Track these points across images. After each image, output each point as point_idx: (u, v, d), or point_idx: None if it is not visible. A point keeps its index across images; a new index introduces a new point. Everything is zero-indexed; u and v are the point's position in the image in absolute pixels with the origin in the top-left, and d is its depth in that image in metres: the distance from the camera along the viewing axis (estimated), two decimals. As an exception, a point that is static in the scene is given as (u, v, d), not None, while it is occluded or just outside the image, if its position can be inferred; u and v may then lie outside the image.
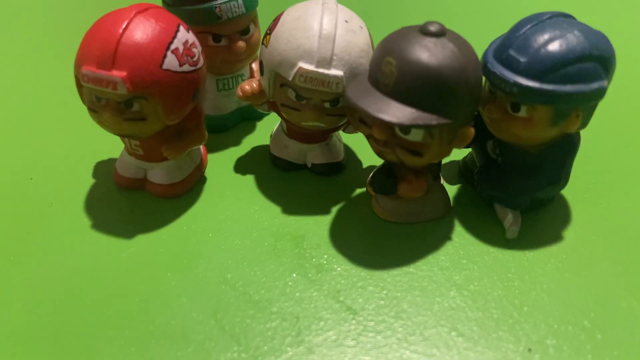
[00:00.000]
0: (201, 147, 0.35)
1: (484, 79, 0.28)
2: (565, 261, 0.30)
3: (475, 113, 0.30)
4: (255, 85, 0.33)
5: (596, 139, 0.37)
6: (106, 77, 0.26)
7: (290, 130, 0.34)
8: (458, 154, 0.35)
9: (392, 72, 0.26)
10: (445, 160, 0.35)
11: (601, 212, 0.33)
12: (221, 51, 0.35)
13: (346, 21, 0.29)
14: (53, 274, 0.29)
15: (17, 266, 0.29)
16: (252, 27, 0.36)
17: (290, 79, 0.29)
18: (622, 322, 0.27)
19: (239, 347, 0.25)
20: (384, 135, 0.28)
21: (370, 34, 0.31)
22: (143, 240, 0.31)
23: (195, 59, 0.29)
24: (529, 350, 0.25)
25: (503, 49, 0.28)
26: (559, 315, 0.27)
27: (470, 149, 0.34)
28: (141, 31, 0.27)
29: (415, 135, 0.27)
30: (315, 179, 0.35)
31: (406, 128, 0.27)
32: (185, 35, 0.29)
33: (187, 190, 0.34)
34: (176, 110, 0.29)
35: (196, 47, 0.30)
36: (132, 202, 0.33)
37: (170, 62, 0.28)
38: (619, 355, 0.25)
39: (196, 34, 0.31)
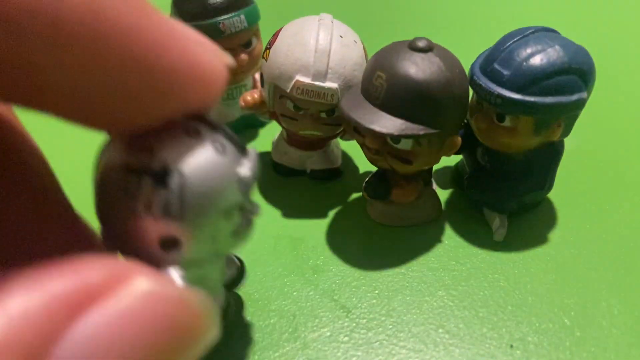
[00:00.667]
0: None
1: (471, 90, 0.30)
2: (549, 262, 0.31)
3: (465, 122, 0.32)
4: (256, 96, 0.35)
5: (582, 144, 0.39)
6: None
7: (290, 138, 0.36)
8: (451, 160, 0.37)
9: (382, 85, 0.28)
10: (438, 167, 0.37)
11: (585, 216, 0.34)
12: None
13: (341, 36, 0.31)
14: None
15: None
16: (254, 40, 0.38)
17: (288, 91, 0.31)
18: (601, 320, 0.28)
19: (239, 342, 0.27)
20: (376, 144, 0.29)
21: (364, 48, 0.33)
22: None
23: None
24: (511, 346, 0.27)
25: (488, 62, 0.29)
26: (540, 314, 0.28)
27: (461, 156, 0.36)
28: None
29: (405, 144, 0.29)
30: (314, 184, 0.37)
31: (396, 138, 0.29)
32: None
33: None
34: None
35: None
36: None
37: None
38: (596, 351, 0.27)
39: None
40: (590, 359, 0.26)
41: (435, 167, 0.35)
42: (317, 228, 0.34)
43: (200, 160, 0.18)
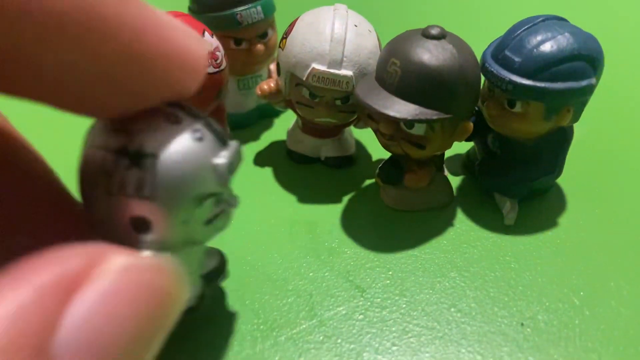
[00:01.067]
0: None
1: (482, 77, 0.31)
2: (559, 245, 0.32)
3: (476, 109, 0.33)
4: (272, 85, 0.36)
5: (591, 131, 0.39)
6: None
7: (305, 126, 0.37)
8: (462, 147, 0.38)
9: (396, 72, 0.29)
10: (449, 153, 0.38)
11: (594, 200, 0.35)
12: (242, 54, 0.38)
13: (355, 25, 0.32)
14: None
15: None
16: (270, 31, 0.38)
17: (304, 79, 0.32)
18: (609, 300, 0.29)
19: (258, 319, 0.28)
20: (390, 130, 0.30)
21: (378, 37, 0.34)
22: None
23: (218, 61, 0.32)
24: (522, 324, 0.28)
25: (500, 49, 0.30)
26: (550, 294, 0.29)
27: (472, 143, 0.37)
28: None
29: (418, 129, 0.30)
30: (328, 170, 0.38)
31: (409, 122, 0.30)
32: (209, 40, 0.32)
33: None
34: (201, 108, 0.32)
35: (219, 51, 0.33)
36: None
37: None
38: (605, 329, 0.27)
39: (219, 38, 0.34)
40: (599, 337, 0.27)
41: (446, 154, 0.36)
42: (331, 213, 0.35)
43: (176, 145, 0.19)
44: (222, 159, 0.20)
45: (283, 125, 0.41)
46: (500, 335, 0.27)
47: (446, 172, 0.36)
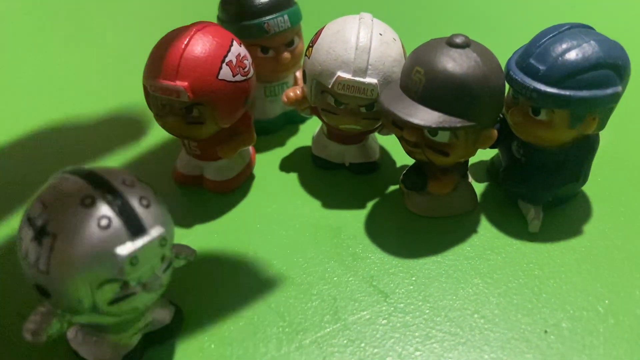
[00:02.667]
0: (250, 148, 0.39)
1: (507, 85, 0.31)
2: (584, 253, 0.32)
3: (500, 116, 0.33)
4: (298, 92, 0.36)
5: (617, 138, 0.39)
6: (171, 87, 0.30)
7: (330, 133, 0.38)
8: (486, 154, 0.38)
9: (420, 80, 0.29)
10: (474, 160, 0.38)
11: (620, 208, 0.35)
12: (268, 61, 0.39)
13: (380, 34, 0.32)
14: None
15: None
16: (296, 39, 0.39)
17: (329, 86, 0.32)
18: (634, 308, 0.29)
19: (284, 322, 0.29)
20: (414, 137, 0.31)
21: (402, 45, 0.34)
22: (200, 229, 0.35)
23: (246, 69, 0.33)
24: (545, 331, 0.28)
25: (524, 57, 0.30)
26: (575, 302, 0.29)
27: (497, 150, 0.37)
28: (200, 46, 0.31)
29: (442, 137, 0.30)
30: (353, 176, 0.39)
31: (433, 130, 0.30)
32: (237, 49, 0.33)
33: (238, 185, 0.38)
34: (230, 115, 0.33)
35: (247, 59, 0.33)
36: (191, 197, 0.37)
37: (225, 73, 0.31)
38: (630, 338, 0.27)
39: (247, 46, 0.34)
40: (623, 345, 0.27)
41: (471, 161, 0.36)
42: (356, 218, 0.35)
43: (77, 230, 0.20)
44: (124, 250, 0.20)
45: (308, 131, 0.42)
46: (523, 342, 0.27)
47: (470, 179, 0.36)
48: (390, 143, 0.41)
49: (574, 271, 0.31)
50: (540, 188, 0.33)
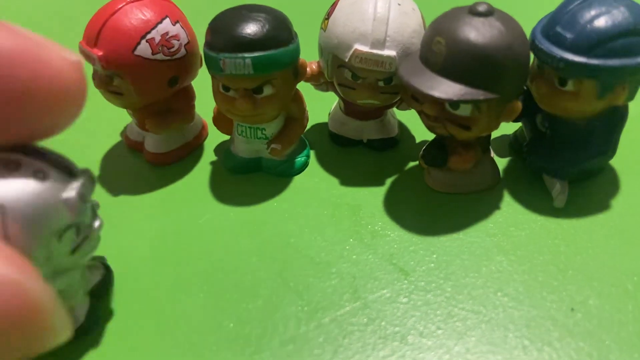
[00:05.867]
0: (200, 125, 0.39)
1: (532, 55, 0.30)
2: (612, 229, 0.31)
3: (525, 88, 0.32)
4: (314, 67, 0.35)
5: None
6: (88, 53, 0.32)
7: (348, 109, 0.37)
8: (509, 128, 0.37)
9: (441, 51, 0.28)
10: (496, 134, 0.37)
11: (650, 182, 0.34)
12: (227, 101, 0.32)
13: (399, 4, 0.31)
14: (141, 236, 0.32)
15: (111, 229, 0.32)
16: (267, 88, 0.32)
17: (346, 60, 0.31)
18: (666, 286, 0.28)
19: (302, 301, 0.28)
20: (435, 111, 0.30)
21: (422, 15, 0.33)
22: (217, 208, 0.34)
23: (173, 49, 0.33)
24: (572, 309, 0.27)
25: (550, 26, 0.29)
26: (602, 279, 0.28)
27: (520, 123, 0.36)
28: (125, 18, 0.32)
29: (464, 110, 0.29)
30: (371, 153, 0.38)
31: (455, 103, 0.29)
32: (167, 27, 0.33)
33: (171, 161, 0.38)
34: (148, 91, 0.34)
35: (177, 39, 0.33)
36: (204, 174, 0.37)
37: (143, 49, 0.32)
38: (661, 316, 0.26)
39: (212, 76, 0.32)
40: (654, 323, 0.26)
41: (493, 135, 0.35)
42: (374, 196, 0.34)
43: (19, 191, 0.19)
44: (71, 191, 0.20)
45: (325, 107, 0.41)
46: (549, 320, 0.27)
47: (492, 154, 0.35)
48: (409, 118, 0.39)
49: (601, 247, 0.30)
50: (567, 162, 0.32)
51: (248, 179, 0.36)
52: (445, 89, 0.28)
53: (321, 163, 0.37)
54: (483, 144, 0.33)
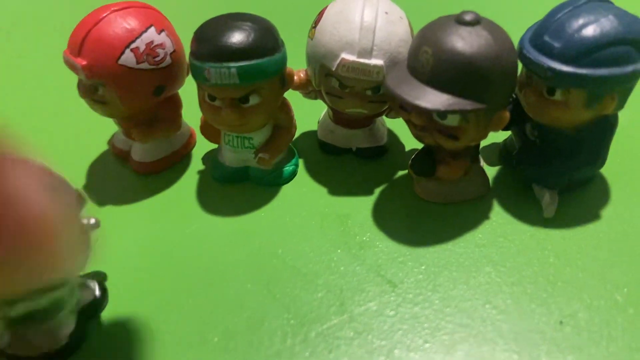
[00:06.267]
0: (187, 134, 0.39)
1: (520, 64, 0.30)
2: (601, 239, 0.31)
3: (514, 97, 0.32)
4: (302, 76, 0.35)
5: (635, 119, 0.37)
6: (72, 62, 0.31)
7: (336, 117, 0.37)
8: (498, 137, 0.37)
9: (428, 60, 0.28)
10: (485, 143, 0.37)
11: (638, 191, 0.33)
12: (213, 111, 0.32)
13: (386, 12, 0.31)
14: (127, 245, 0.32)
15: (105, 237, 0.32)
16: (253, 97, 0.31)
17: (333, 69, 0.31)
18: (655, 298, 0.27)
19: (289, 314, 0.28)
20: (422, 121, 0.29)
21: (410, 24, 0.33)
22: (204, 218, 0.34)
23: (158, 59, 0.32)
24: (561, 322, 0.27)
25: (539, 34, 0.29)
26: (592, 291, 0.28)
27: (509, 132, 0.35)
28: (109, 28, 0.31)
29: (452, 120, 0.29)
30: (360, 162, 0.37)
31: (442, 113, 0.28)
32: (152, 37, 0.32)
33: (158, 170, 0.37)
34: (132, 101, 0.33)
35: (163, 48, 0.33)
36: (192, 185, 0.36)
37: (127, 58, 0.31)
38: (650, 329, 0.26)
39: (198, 86, 0.32)
40: (643, 336, 0.26)
41: (482, 144, 0.35)
42: (363, 205, 0.34)
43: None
44: None
45: (314, 115, 0.41)
46: (537, 334, 0.26)
47: (482, 163, 0.35)
48: (398, 126, 0.39)
49: (591, 258, 0.30)
50: (556, 171, 0.32)
51: (236, 189, 0.36)
52: (432, 99, 0.27)
53: (310, 172, 0.37)
54: (472, 153, 0.33)
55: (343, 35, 0.31)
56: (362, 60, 0.30)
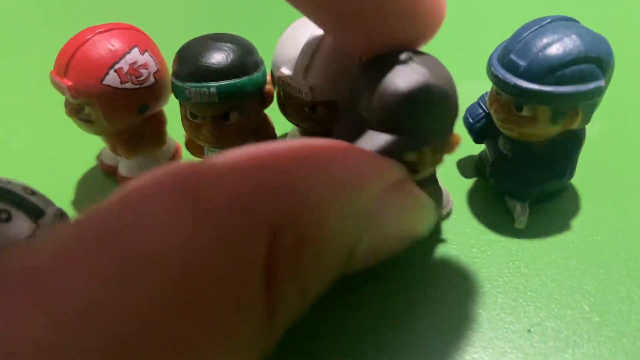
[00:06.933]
0: (173, 149, 0.40)
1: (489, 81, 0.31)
2: (570, 249, 0.32)
3: (486, 111, 0.32)
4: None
5: (604, 131, 0.39)
6: (58, 83, 0.33)
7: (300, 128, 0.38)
8: (474, 149, 0.38)
9: (372, 105, 0.27)
10: (462, 156, 0.38)
11: (606, 202, 0.34)
12: (195, 127, 0.33)
13: (334, 39, 0.32)
14: None
15: None
16: (233, 115, 0.32)
17: (275, 80, 0.33)
18: (620, 306, 0.28)
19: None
20: None
21: (362, 57, 0.33)
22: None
23: (141, 78, 0.34)
24: (529, 331, 0.28)
25: (505, 53, 0.30)
26: (560, 300, 0.29)
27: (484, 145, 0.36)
28: (93, 49, 0.32)
29: (409, 157, 0.28)
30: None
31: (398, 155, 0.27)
32: (135, 57, 0.33)
33: None
34: (117, 119, 0.34)
35: (146, 68, 0.34)
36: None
37: (112, 79, 0.33)
38: (614, 336, 0.27)
39: (180, 103, 0.33)
40: (607, 343, 0.27)
41: (458, 157, 0.36)
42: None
43: None
44: (31, 232, 0.21)
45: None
46: (506, 342, 0.27)
47: (441, 183, 0.34)
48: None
49: (560, 268, 0.31)
50: (526, 183, 0.33)
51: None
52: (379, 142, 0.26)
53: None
54: (431, 180, 0.32)
55: (287, 50, 0.32)
56: (294, 78, 0.32)
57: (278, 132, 0.38)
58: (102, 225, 0.13)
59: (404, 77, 0.27)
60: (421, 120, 0.27)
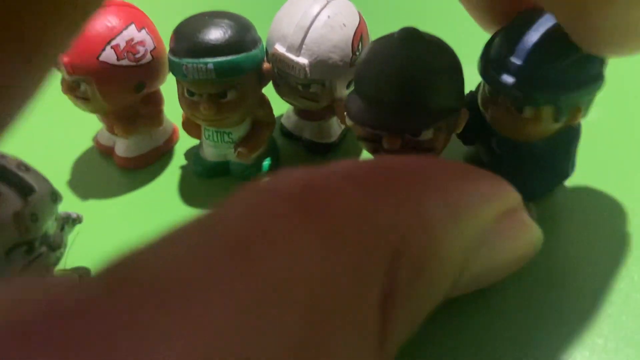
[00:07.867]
0: (170, 130, 0.40)
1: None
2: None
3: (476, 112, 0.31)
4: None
5: (601, 118, 0.37)
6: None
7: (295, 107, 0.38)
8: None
9: (384, 83, 0.27)
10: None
11: (607, 189, 0.34)
12: (192, 105, 0.33)
13: (329, 16, 0.31)
14: (111, 240, 0.32)
15: (79, 233, 0.32)
16: (231, 93, 0.32)
17: (269, 57, 0.32)
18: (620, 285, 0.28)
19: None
20: (397, 144, 0.27)
21: (359, 33, 0.32)
22: (187, 213, 0.35)
23: (138, 55, 0.33)
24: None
25: (502, 55, 0.28)
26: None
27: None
28: (89, 25, 0.31)
29: (426, 135, 0.28)
30: (310, 156, 0.38)
31: (418, 130, 0.27)
32: (132, 34, 0.33)
33: (141, 166, 0.38)
34: (114, 97, 0.34)
35: (143, 46, 0.33)
36: (176, 181, 0.38)
37: (108, 55, 0.32)
38: (613, 313, 0.27)
39: (177, 82, 0.33)
40: (607, 322, 0.27)
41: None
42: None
43: None
44: (19, 209, 0.21)
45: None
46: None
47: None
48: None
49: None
50: (529, 185, 0.31)
51: (219, 184, 0.37)
52: (405, 120, 0.27)
53: (290, 166, 0.37)
54: None
55: (282, 27, 0.32)
56: (288, 54, 0.31)
57: (275, 113, 0.37)
58: (229, 238, 0.10)
59: (410, 55, 0.27)
60: (432, 96, 0.27)
